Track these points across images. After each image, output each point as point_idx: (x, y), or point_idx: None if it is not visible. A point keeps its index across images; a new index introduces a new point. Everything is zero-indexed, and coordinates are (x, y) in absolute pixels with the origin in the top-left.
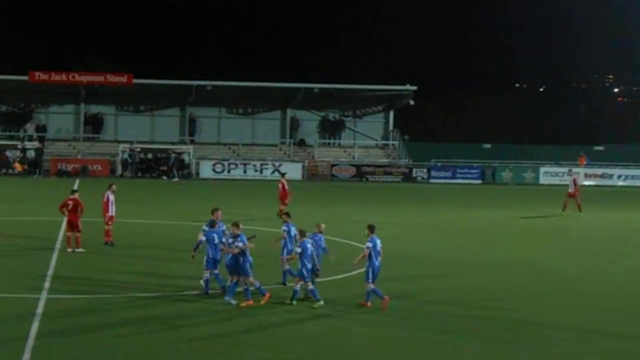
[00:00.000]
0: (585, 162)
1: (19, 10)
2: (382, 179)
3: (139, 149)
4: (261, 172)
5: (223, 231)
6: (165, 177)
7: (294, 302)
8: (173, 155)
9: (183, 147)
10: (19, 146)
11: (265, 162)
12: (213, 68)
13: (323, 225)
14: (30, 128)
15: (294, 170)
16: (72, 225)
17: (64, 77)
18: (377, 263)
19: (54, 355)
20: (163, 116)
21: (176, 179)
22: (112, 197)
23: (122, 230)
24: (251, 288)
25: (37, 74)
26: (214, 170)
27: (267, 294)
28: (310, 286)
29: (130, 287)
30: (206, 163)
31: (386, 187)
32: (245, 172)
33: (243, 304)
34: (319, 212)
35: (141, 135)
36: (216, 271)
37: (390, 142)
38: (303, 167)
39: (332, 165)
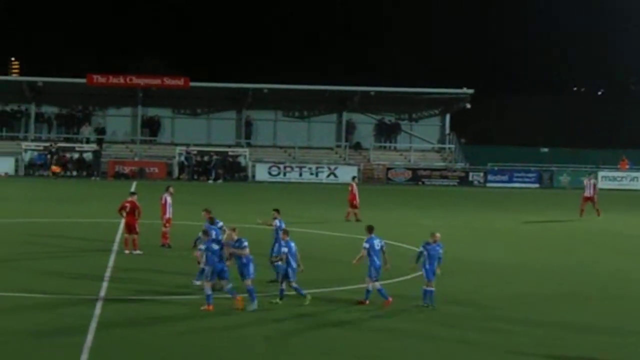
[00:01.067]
0: (627, 166)
1: (78, 13)
2: (438, 183)
3: (195, 152)
4: (317, 175)
5: (221, 227)
6: (210, 181)
7: (280, 302)
8: (214, 157)
9: (239, 150)
10: (77, 149)
11: (321, 165)
12: (270, 71)
13: (438, 235)
14: (88, 131)
15: (349, 174)
16: (130, 228)
17: (122, 80)
18: (377, 262)
19: (112, 356)
20: (220, 119)
21: (219, 181)
22: (169, 200)
23: (178, 233)
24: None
25: (95, 76)
26: (269, 173)
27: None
28: (294, 284)
29: (187, 289)
30: (262, 166)
31: (442, 190)
32: (300, 175)
33: (202, 308)
34: (374, 215)
35: (198, 138)
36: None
37: (447, 145)
38: (358, 170)
39: (388, 169)
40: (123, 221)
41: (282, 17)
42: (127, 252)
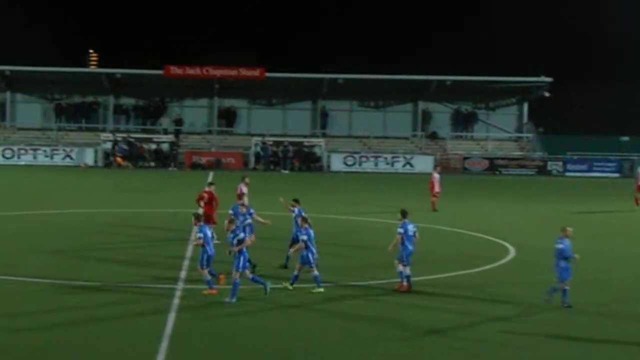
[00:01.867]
0: None
1: (155, 5)
2: (516, 172)
3: (271, 142)
4: (392, 165)
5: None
6: (286, 171)
7: (291, 287)
8: (290, 148)
9: (315, 140)
10: (154, 139)
11: (397, 155)
12: (345, 61)
13: (570, 229)
14: (165, 122)
15: (425, 164)
16: (208, 218)
17: (198, 71)
18: (410, 247)
19: (191, 344)
20: (295, 109)
21: (286, 172)
22: (245, 189)
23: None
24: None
25: (172, 68)
26: (345, 163)
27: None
28: (315, 272)
29: (266, 278)
30: (337, 156)
31: (520, 180)
32: (376, 165)
33: (205, 292)
34: (451, 206)
35: (273, 129)
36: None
37: (524, 134)
38: (435, 160)
39: (464, 158)
40: (201, 211)
41: (357, 7)
42: None
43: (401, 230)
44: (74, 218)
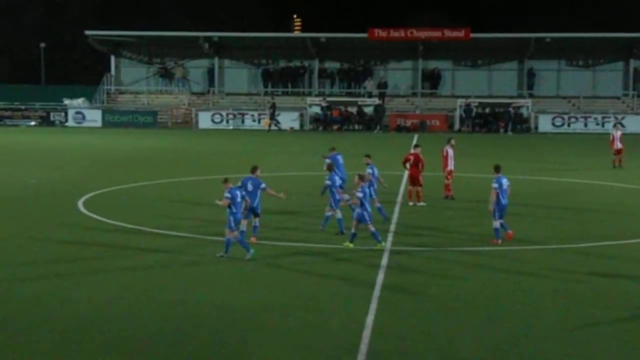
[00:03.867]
0: None
1: None
2: None
3: (476, 104)
4: (602, 125)
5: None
6: (504, 132)
7: (351, 245)
8: (511, 110)
9: (521, 101)
10: (359, 103)
11: (607, 115)
12: (552, 19)
13: None
14: (369, 85)
15: (637, 124)
16: (414, 180)
17: (402, 34)
18: (503, 201)
19: (399, 306)
20: (501, 70)
21: (510, 134)
22: (451, 152)
23: (460, 185)
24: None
25: (376, 31)
26: (553, 124)
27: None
28: (372, 229)
29: (471, 241)
30: (545, 117)
31: None
32: (586, 125)
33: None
34: None
35: (479, 90)
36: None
37: None
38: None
39: None
40: (407, 173)
41: None
42: (410, 204)
43: (496, 185)
44: (286, 181)
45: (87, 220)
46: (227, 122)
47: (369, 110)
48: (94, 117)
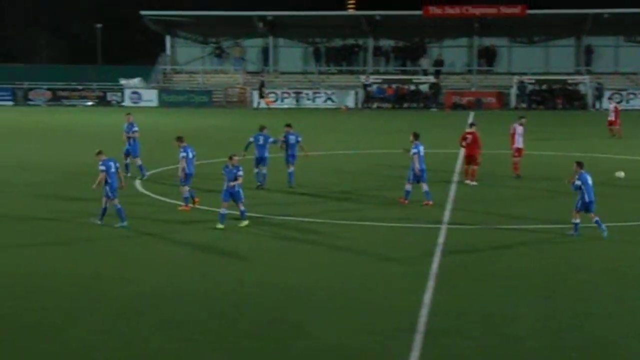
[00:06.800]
0: None
1: None
2: None
3: (533, 81)
4: None
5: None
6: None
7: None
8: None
9: (578, 78)
10: (414, 80)
11: None
12: None
13: None
14: (424, 62)
15: None
16: (471, 158)
17: (458, 11)
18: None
19: (456, 284)
20: (557, 46)
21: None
22: (519, 129)
23: (526, 163)
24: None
25: (431, 8)
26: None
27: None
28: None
29: (526, 219)
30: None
31: None
32: None
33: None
34: None
35: (535, 67)
36: None
37: None
38: None
39: None
40: (463, 152)
41: None
42: (467, 182)
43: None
44: (340, 159)
45: (146, 199)
46: (282, 100)
47: (424, 87)
48: (150, 96)
